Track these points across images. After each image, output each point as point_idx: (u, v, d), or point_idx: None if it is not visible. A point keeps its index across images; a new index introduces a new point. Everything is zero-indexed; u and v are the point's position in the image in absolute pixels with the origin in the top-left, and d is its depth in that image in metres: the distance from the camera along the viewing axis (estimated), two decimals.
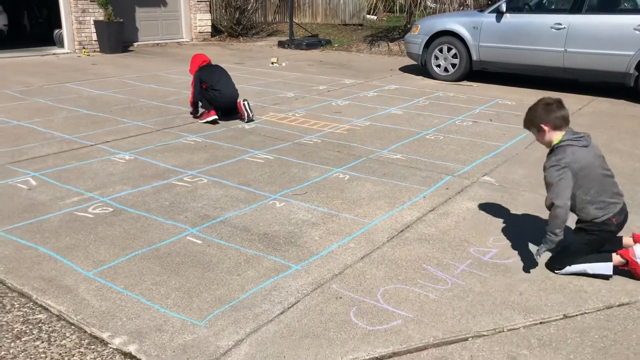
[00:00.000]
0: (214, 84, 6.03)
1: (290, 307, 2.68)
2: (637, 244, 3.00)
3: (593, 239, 3.00)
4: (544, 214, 3.66)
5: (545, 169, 2.99)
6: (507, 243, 3.40)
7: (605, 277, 2.98)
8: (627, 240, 3.15)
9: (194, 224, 3.58)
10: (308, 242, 3.37)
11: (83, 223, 3.57)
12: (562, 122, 3.00)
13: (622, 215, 3.00)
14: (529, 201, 4.04)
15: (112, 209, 3.79)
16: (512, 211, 3.88)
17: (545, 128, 3.02)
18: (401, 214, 3.80)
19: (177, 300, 2.72)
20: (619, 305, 2.76)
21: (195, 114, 6.32)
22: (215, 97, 6.05)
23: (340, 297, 2.78)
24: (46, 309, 2.64)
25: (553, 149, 3.01)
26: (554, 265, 3.06)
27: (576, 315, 2.68)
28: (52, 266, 3.02)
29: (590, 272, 2.99)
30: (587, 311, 2.71)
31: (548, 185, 2.95)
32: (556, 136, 3.01)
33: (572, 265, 3.00)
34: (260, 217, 3.72)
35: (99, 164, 4.72)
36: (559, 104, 3.04)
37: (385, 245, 3.34)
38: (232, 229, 3.53)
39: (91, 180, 4.32)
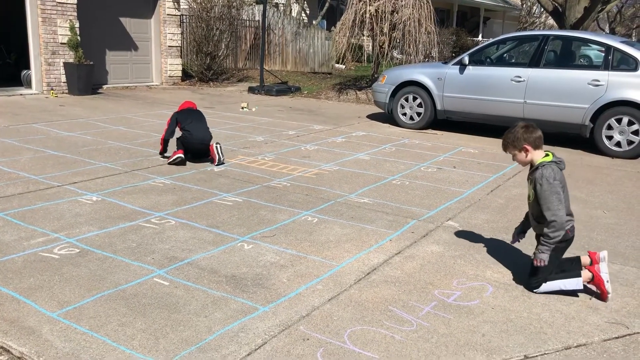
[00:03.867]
0: (185, 125, 6.22)
1: (258, 349, 2.69)
2: (603, 263, 3.38)
3: (558, 248, 3.36)
4: (506, 259, 3.78)
5: (537, 182, 3.30)
6: (471, 285, 3.49)
7: (577, 292, 3.34)
8: (584, 259, 3.50)
9: (161, 266, 3.57)
10: (276, 284, 3.39)
11: (48, 264, 3.52)
12: (540, 142, 3.40)
13: (573, 231, 3.44)
14: (492, 245, 4.16)
15: (78, 250, 3.75)
16: (475, 255, 3.99)
17: (528, 148, 3.37)
18: (368, 256, 3.87)
19: (143, 342, 2.70)
20: (577, 346, 2.85)
21: (162, 152, 6.41)
22: (185, 137, 6.19)
23: (308, 339, 2.80)
24: (7, 351, 2.58)
25: (538, 167, 3.33)
26: (531, 286, 3.40)
27: (536, 355, 2.75)
28: (15, 307, 2.97)
29: (564, 288, 3.33)
30: (547, 352, 2.79)
31: (541, 199, 3.27)
32: (538, 155, 3.39)
33: (548, 283, 3.35)
34: (228, 259, 3.73)
35: (65, 204, 4.69)
36: (534, 126, 3.42)
37: (352, 288, 3.39)
38: (200, 270, 3.53)
39: (57, 221, 4.28)
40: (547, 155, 3.40)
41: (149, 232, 4.14)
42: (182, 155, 6.15)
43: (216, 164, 6.20)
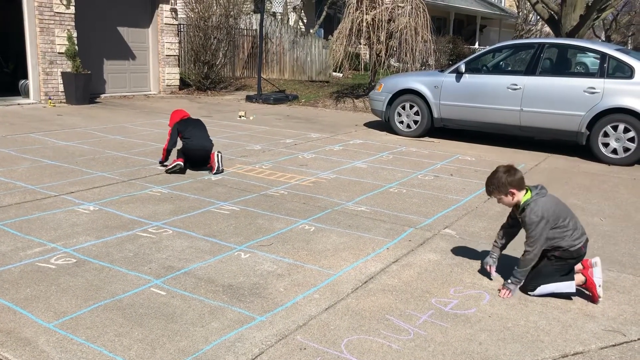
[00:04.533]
0: (186, 133, 6.27)
1: (254, 359, 2.69)
2: (596, 267, 3.44)
3: (563, 265, 3.44)
4: (503, 267, 3.79)
5: (526, 225, 3.40)
6: (468, 294, 3.50)
7: (570, 295, 3.43)
8: (577, 265, 3.54)
9: (158, 275, 3.57)
10: (273, 293, 3.39)
11: (45, 274, 3.52)
12: (523, 182, 3.45)
13: (586, 247, 3.48)
14: (489, 253, 4.16)
15: (75, 260, 3.75)
16: (472, 263, 3.99)
17: (514, 191, 3.42)
18: (365, 265, 3.87)
19: (139, 352, 2.70)
20: (573, 354, 2.85)
21: (163, 161, 6.43)
22: (186, 145, 6.23)
23: (305, 348, 2.80)
24: None
25: (524, 208, 3.40)
26: (527, 288, 3.48)
27: None
28: (11, 318, 2.96)
29: (557, 291, 3.42)
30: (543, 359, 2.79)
31: (530, 237, 3.40)
32: (522, 195, 3.43)
33: (542, 286, 3.42)
34: (225, 268, 3.73)
35: (62, 214, 4.68)
36: (514, 168, 3.47)
37: (349, 296, 3.39)
38: (197, 280, 3.53)
39: (54, 231, 4.27)
40: (527, 191, 3.45)
41: (146, 242, 4.14)
42: (182, 163, 6.17)
43: (214, 172, 6.21)
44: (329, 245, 4.23)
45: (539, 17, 18.59)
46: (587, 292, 3.48)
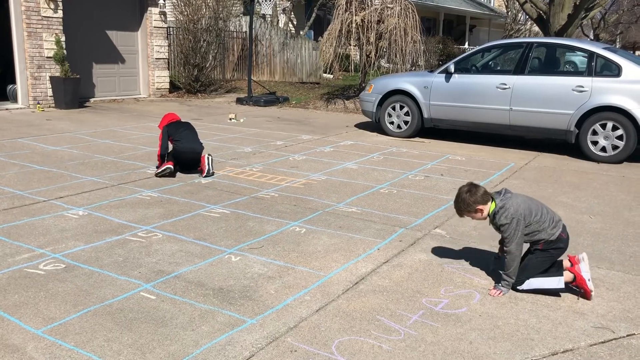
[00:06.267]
0: (176, 136, 6.24)
1: None
2: (582, 263, 3.49)
3: (547, 256, 3.52)
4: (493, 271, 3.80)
5: (500, 228, 3.50)
6: (458, 293, 3.50)
7: (559, 291, 3.46)
8: (565, 262, 3.61)
9: (147, 280, 3.55)
10: (263, 295, 3.39)
11: (33, 280, 3.49)
12: (487, 196, 3.53)
13: (566, 232, 3.55)
14: (479, 252, 4.18)
15: (64, 265, 3.73)
16: (463, 262, 4.00)
17: (480, 207, 3.51)
18: (356, 266, 3.87)
19: (129, 357, 2.68)
20: (563, 352, 2.86)
21: (160, 166, 6.31)
22: (176, 147, 6.21)
23: (295, 351, 2.79)
24: None
25: (494, 215, 3.50)
26: (515, 283, 3.50)
27: None
28: None
29: (545, 286, 3.47)
30: (534, 358, 2.80)
31: (506, 239, 3.48)
32: (488, 208, 3.53)
33: (530, 280, 3.48)
34: (215, 271, 3.72)
35: (51, 219, 4.65)
36: (474, 185, 3.57)
37: (340, 298, 3.39)
38: (187, 283, 3.52)
39: (43, 237, 4.24)
40: (492, 201, 3.52)
41: (135, 246, 4.12)
42: (172, 167, 6.14)
43: (204, 175, 6.19)
44: (319, 246, 4.22)
45: (527, 16, 18.69)
46: (578, 290, 3.49)
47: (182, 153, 6.22)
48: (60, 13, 11.78)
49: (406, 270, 3.84)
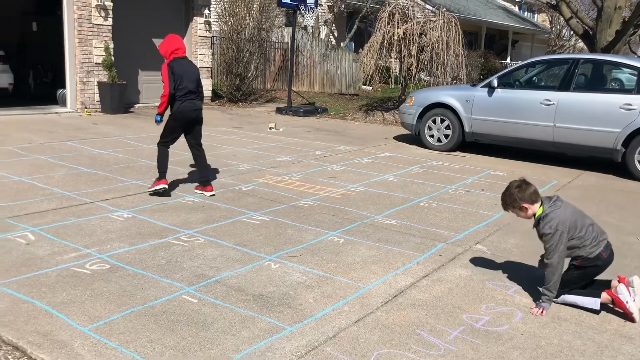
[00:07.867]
0: (180, 85, 5.54)
1: None
2: (621, 284, 3.40)
3: (584, 273, 3.48)
4: (535, 284, 3.73)
5: (543, 237, 3.46)
6: (499, 310, 3.45)
7: (594, 312, 3.41)
8: (614, 282, 3.50)
9: (189, 283, 3.61)
10: (302, 304, 3.40)
11: (80, 279, 3.59)
12: (536, 196, 3.49)
13: (609, 250, 3.49)
14: (521, 270, 4.11)
15: (109, 266, 3.82)
16: (505, 279, 3.94)
17: (526, 205, 3.47)
18: (395, 279, 3.85)
19: (171, 359, 2.73)
20: None
21: (161, 113, 5.66)
22: (177, 108, 5.58)
23: None
24: None
25: (539, 220, 3.45)
26: None
27: None
28: (48, 320, 3.03)
29: (580, 304, 3.44)
30: None
31: (547, 250, 3.43)
32: (536, 209, 3.49)
33: (566, 295, 3.46)
34: (255, 277, 3.76)
35: (97, 220, 4.78)
36: (526, 182, 3.54)
37: (379, 310, 3.38)
38: (228, 288, 3.56)
39: (89, 237, 4.37)
40: (541, 204, 3.49)
41: (178, 250, 4.20)
42: (166, 186, 5.61)
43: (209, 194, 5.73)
44: (358, 257, 4.22)
45: (572, 32, 18.36)
46: (623, 312, 3.40)
47: (182, 112, 5.58)
48: (110, 21, 12.16)
49: (446, 285, 3.80)
